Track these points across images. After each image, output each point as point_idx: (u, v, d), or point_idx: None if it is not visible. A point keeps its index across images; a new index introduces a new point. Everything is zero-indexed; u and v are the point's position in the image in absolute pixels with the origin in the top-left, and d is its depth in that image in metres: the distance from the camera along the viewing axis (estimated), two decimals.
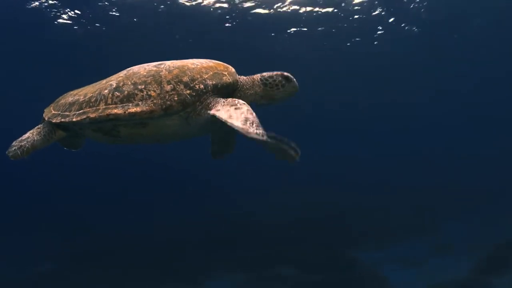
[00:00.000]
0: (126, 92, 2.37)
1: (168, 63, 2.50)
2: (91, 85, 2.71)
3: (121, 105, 2.34)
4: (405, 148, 22.48)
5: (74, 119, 2.44)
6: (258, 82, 2.60)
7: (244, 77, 2.65)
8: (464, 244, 10.43)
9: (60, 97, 2.80)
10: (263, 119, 2.20)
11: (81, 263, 10.81)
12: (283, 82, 2.57)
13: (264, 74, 2.61)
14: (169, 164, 19.74)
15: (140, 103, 2.31)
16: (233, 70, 2.61)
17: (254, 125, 2.11)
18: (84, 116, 2.40)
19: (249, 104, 2.46)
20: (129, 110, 2.30)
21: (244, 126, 2.09)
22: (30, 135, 2.67)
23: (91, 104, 2.44)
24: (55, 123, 2.59)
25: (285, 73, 2.58)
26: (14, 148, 2.61)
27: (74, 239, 12.53)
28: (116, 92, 2.39)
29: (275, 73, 2.60)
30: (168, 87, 2.33)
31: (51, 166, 14.64)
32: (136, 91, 2.35)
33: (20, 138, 2.67)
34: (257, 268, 10.04)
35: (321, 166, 21.81)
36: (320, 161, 22.70)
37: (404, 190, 15.18)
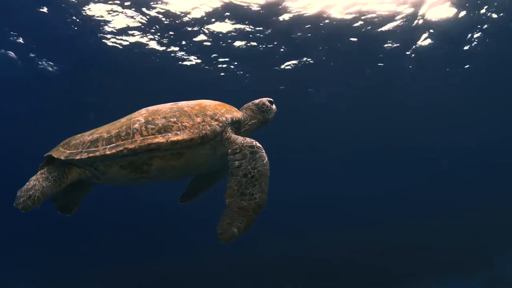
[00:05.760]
0: (160, 124, 2.48)
1: (183, 103, 2.72)
2: (103, 127, 2.68)
3: (161, 135, 2.42)
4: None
5: (107, 152, 2.41)
6: (257, 110, 2.98)
7: (242, 113, 2.96)
8: None
9: (68, 140, 2.70)
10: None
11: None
12: (270, 106, 3.01)
13: (255, 101, 3.00)
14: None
15: (178, 132, 2.44)
16: (236, 108, 2.94)
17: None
18: (121, 148, 2.40)
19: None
20: (171, 139, 2.40)
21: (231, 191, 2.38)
22: (36, 183, 2.47)
23: (123, 137, 2.45)
24: (78, 160, 2.48)
25: (268, 98, 3.01)
26: (23, 199, 2.36)
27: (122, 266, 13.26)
28: (150, 125, 2.48)
29: (260, 100, 3.00)
30: (198, 119, 2.55)
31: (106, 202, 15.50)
32: (170, 123, 2.49)
33: (25, 187, 2.45)
34: None
35: (368, 204, 21.24)
36: (368, 199, 22.12)
37: (452, 223, 14.40)
